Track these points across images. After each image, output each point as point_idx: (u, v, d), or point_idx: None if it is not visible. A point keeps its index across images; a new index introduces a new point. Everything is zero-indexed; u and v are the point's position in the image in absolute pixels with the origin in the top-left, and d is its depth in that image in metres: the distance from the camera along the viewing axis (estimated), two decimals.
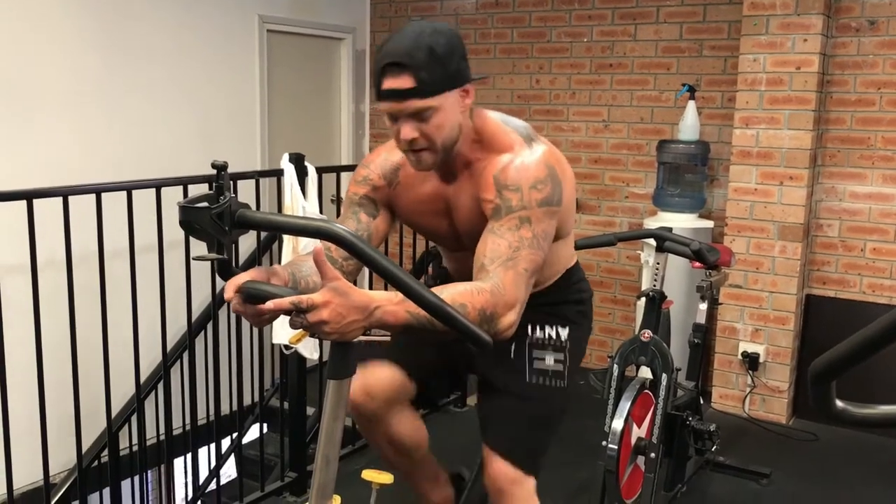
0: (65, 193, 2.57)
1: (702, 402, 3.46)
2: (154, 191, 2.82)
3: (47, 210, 2.54)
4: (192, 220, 1.34)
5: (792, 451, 3.93)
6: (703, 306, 3.34)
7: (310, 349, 3.30)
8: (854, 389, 1.17)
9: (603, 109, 4.96)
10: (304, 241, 3.00)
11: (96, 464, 3.83)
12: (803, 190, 4.06)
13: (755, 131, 4.12)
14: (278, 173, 3.25)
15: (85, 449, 3.03)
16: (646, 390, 2.86)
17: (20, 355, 2.63)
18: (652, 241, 3.17)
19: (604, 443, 2.68)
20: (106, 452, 3.68)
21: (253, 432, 4.10)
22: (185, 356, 3.36)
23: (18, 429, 2.57)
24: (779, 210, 4.12)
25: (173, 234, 2.32)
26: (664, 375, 2.88)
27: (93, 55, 4.12)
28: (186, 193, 2.80)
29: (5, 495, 2.56)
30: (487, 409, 2.04)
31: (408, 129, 1.66)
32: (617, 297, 5.01)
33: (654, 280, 3.10)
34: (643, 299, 3.09)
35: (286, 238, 3.16)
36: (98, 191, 2.69)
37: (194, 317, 3.18)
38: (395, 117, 1.68)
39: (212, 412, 3.29)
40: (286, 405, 3.49)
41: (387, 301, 1.40)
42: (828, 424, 4.00)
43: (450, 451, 2.25)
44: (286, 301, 1.32)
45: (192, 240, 1.42)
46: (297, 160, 3.23)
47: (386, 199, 1.91)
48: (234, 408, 3.37)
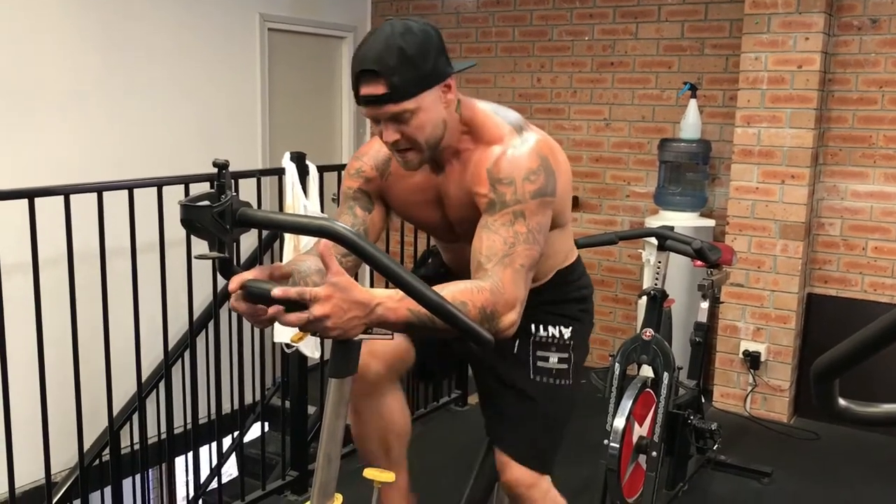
0: (66, 192, 2.56)
1: (703, 400, 3.46)
2: (155, 189, 2.82)
3: (49, 209, 2.54)
4: (193, 219, 1.34)
5: (793, 450, 3.93)
6: (705, 305, 3.34)
7: (311, 348, 3.31)
8: (856, 388, 1.16)
9: (604, 108, 4.95)
10: (305, 240, 3.00)
11: (98, 462, 3.83)
12: (805, 188, 4.05)
13: (757, 130, 4.11)
14: (279, 172, 3.25)
15: (86, 447, 3.03)
16: (647, 389, 2.86)
17: (22, 354, 2.63)
18: (653, 240, 3.17)
19: (605, 441, 2.69)
20: (107, 451, 3.69)
21: (254, 431, 4.10)
22: (187, 355, 3.36)
23: (20, 427, 2.58)
24: (780, 209, 4.11)
25: (174, 232, 2.32)
26: (666, 374, 2.88)
27: (93, 54, 4.12)
28: (188, 192, 2.80)
29: (7, 494, 2.56)
30: (494, 409, 2.03)
31: (389, 131, 1.65)
32: (618, 295, 5.01)
33: (656, 279, 3.10)
34: (644, 298, 3.09)
35: (287, 237, 3.16)
36: (99, 189, 2.69)
37: (195, 315, 3.18)
38: (376, 120, 1.67)
39: (213, 411, 3.29)
40: (287, 404, 3.50)
41: (388, 298, 1.40)
42: (829, 423, 4.00)
43: (451, 449, 2.25)
44: (293, 290, 1.32)
45: (193, 238, 1.42)
46: (299, 159, 3.23)
47: (379, 190, 1.91)
48: (236, 406, 3.37)
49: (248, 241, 3.85)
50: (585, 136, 5.02)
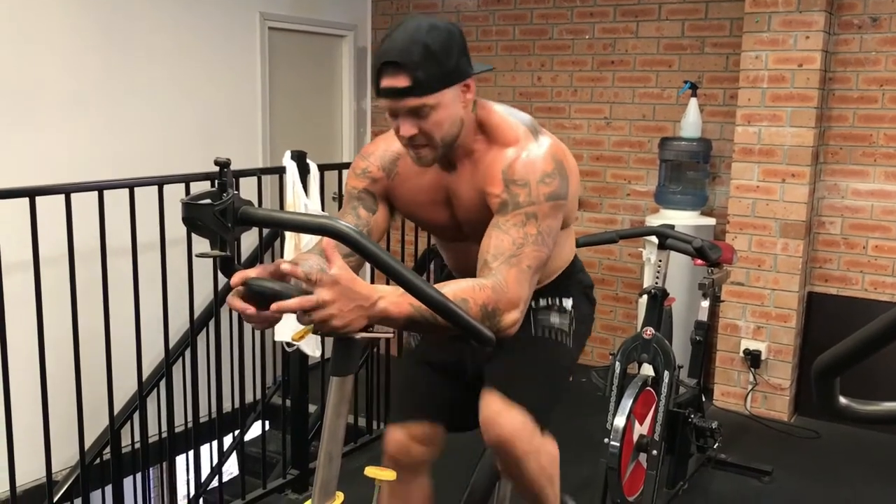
0: (67, 191, 2.57)
1: (703, 399, 3.47)
2: (156, 188, 2.82)
3: (50, 207, 2.55)
4: (194, 217, 1.34)
5: (793, 449, 3.93)
6: (705, 304, 3.34)
7: (312, 346, 3.31)
8: (857, 387, 1.17)
9: (605, 107, 4.95)
10: (306, 239, 3.01)
11: (99, 461, 3.83)
12: (805, 187, 4.05)
13: (757, 128, 4.11)
14: (280, 171, 3.25)
15: (87, 446, 3.03)
16: (648, 388, 2.86)
17: (23, 353, 2.63)
18: (654, 239, 3.17)
19: (606, 440, 2.69)
20: (108, 450, 3.69)
21: (255, 430, 4.11)
22: (188, 353, 3.36)
23: (21, 426, 2.58)
24: (781, 207, 4.11)
25: (175, 231, 2.32)
26: (666, 373, 2.89)
27: (94, 54, 4.12)
28: (188, 191, 2.80)
29: (8, 493, 2.56)
30: (491, 365, 1.95)
31: (407, 125, 1.66)
32: (619, 294, 5.01)
33: (656, 277, 3.10)
34: (645, 297, 3.09)
35: (288, 235, 3.16)
36: (100, 188, 2.69)
37: (196, 314, 3.18)
38: (394, 114, 1.68)
39: (214, 409, 3.29)
40: (288, 402, 3.50)
41: (390, 293, 1.40)
42: (830, 422, 4.00)
43: (451, 448, 2.24)
44: (293, 303, 1.31)
45: (194, 237, 1.42)
46: (300, 157, 3.23)
47: (384, 190, 1.91)
48: (237, 405, 3.38)
49: (249, 240, 3.86)
50: (586, 135, 5.02)
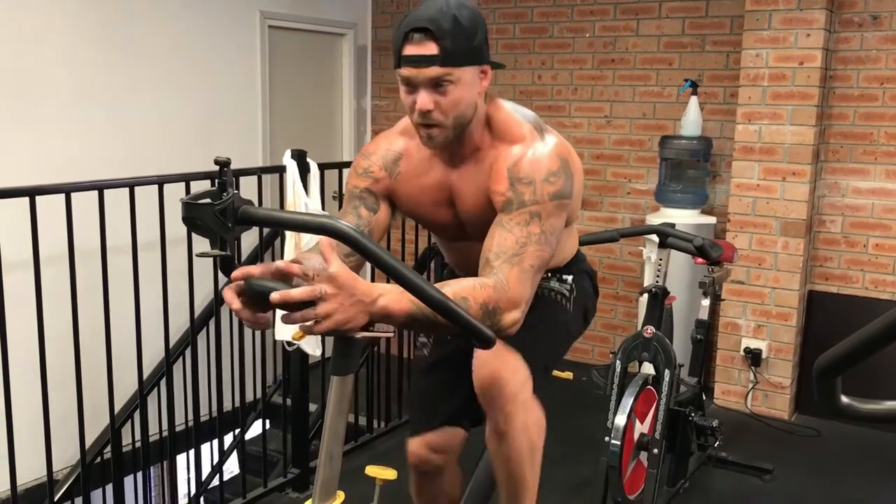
0: (67, 190, 2.56)
1: (704, 397, 3.46)
2: (156, 187, 2.82)
3: (50, 207, 2.54)
4: (195, 217, 1.34)
5: (794, 447, 3.93)
6: (706, 302, 3.34)
7: (312, 345, 3.31)
8: (858, 385, 1.16)
9: (605, 105, 4.95)
10: (306, 238, 3.00)
11: (99, 460, 3.84)
12: (806, 186, 4.05)
13: (758, 127, 4.11)
14: (280, 170, 3.24)
15: (88, 445, 3.03)
16: (648, 386, 2.86)
17: (23, 352, 2.63)
18: (654, 237, 3.16)
19: (606, 438, 2.69)
20: (109, 449, 3.70)
21: (255, 428, 4.11)
22: (188, 352, 3.36)
23: (22, 425, 2.58)
24: (781, 206, 4.11)
25: (176, 230, 2.32)
26: (667, 371, 2.89)
27: (94, 53, 4.12)
28: (189, 190, 2.80)
29: (9, 491, 2.56)
30: None
31: (425, 98, 1.64)
32: (619, 293, 5.01)
33: (657, 276, 3.10)
34: (646, 295, 3.09)
35: (288, 234, 3.16)
36: (100, 187, 2.69)
37: (197, 313, 3.18)
38: (413, 86, 1.66)
39: (214, 408, 3.29)
40: (289, 401, 3.50)
41: (391, 290, 1.39)
42: (830, 420, 4.00)
43: None
44: (296, 293, 1.29)
45: (194, 236, 1.42)
46: (300, 156, 3.22)
47: (386, 190, 1.89)
48: (237, 404, 3.38)
49: (249, 240, 3.86)
50: (586, 134, 5.02)
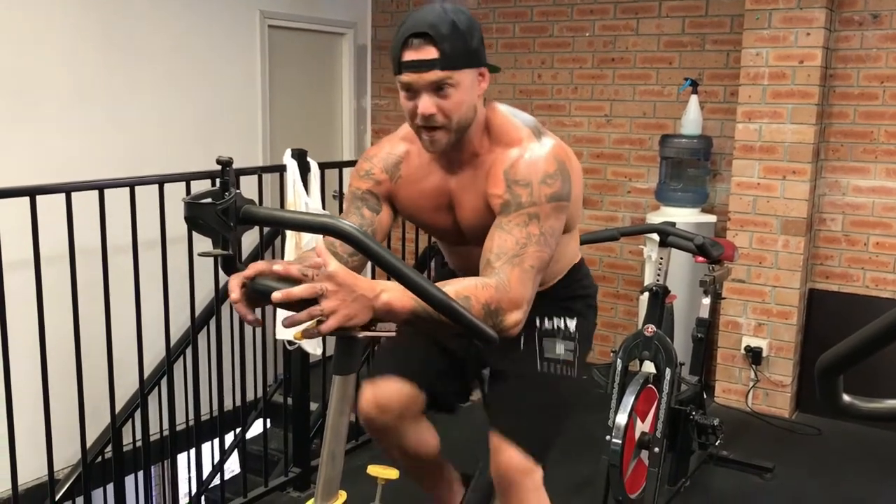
0: (68, 190, 2.57)
1: (705, 396, 3.46)
2: (157, 187, 2.82)
3: (51, 206, 2.55)
4: (196, 216, 1.34)
5: (795, 446, 3.93)
6: (706, 301, 3.34)
7: (313, 345, 3.31)
8: (859, 384, 1.16)
9: (605, 104, 4.95)
10: (307, 238, 3.01)
11: (100, 459, 3.84)
12: (806, 184, 4.05)
13: (758, 126, 4.11)
14: (281, 169, 3.25)
15: (89, 445, 3.04)
16: (649, 385, 2.86)
17: (24, 351, 2.63)
18: (655, 236, 3.16)
19: (607, 437, 2.69)
20: (110, 448, 3.70)
21: (256, 428, 4.10)
22: (189, 352, 3.36)
23: (23, 425, 2.58)
24: (782, 204, 4.11)
25: (176, 229, 2.32)
26: (668, 370, 2.89)
27: (94, 52, 4.12)
28: (189, 189, 2.80)
29: (10, 491, 2.57)
30: (496, 397, 2.00)
31: (427, 102, 1.65)
32: (619, 291, 5.01)
33: (658, 275, 3.10)
34: (646, 294, 3.09)
35: (289, 234, 3.16)
36: (101, 187, 2.69)
37: (197, 312, 3.18)
38: (413, 91, 1.66)
39: (215, 407, 3.29)
40: (290, 400, 3.50)
41: (392, 287, 1.39)
42: (831, 418, 4.00)
43: (452, 446, 2.25)
44: (300, 290, 1.28)
45: (195, 235, 1.41)
46: (300, 156, 3.22)
47: (387, 193, 1.90)
48: (238, 403, 3.38)
49: (249, 239, 3.86)
50: (586, 133, 5.02)
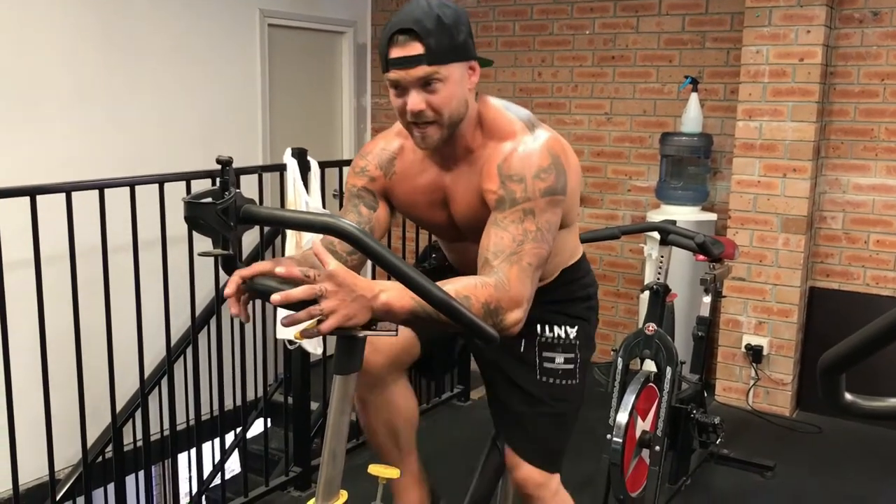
0: (68, 189, 2.56)
1: (706, 395, 3.46)
2: (157, 186, 2.82)
3: (51, 206, 2.54)
4: (197, 216, 1.34)
5: (796, 444, 3.93)
6: (707, 299, 3.34)
7: (314, 344, 3.30)
8: (860, 383, 1.16)
9: (605, 102, 4.95)
10: (307, 237, 3.00)
11: (101, 459, 3.84)
12: (807, 182, 4.05)
13: (758, 123, 4.11)
14: (281, 168, 3.24)
15: (90, 444, 3.03)
16: (650, 383, 2.86)
17: (25, 351, 2.63)
18: (656, 235, 3.16)
19: (608, 436, 2.68)
20: (111, 448, 3.70)
21: (257, 427, 4.10)
22: (189, 351, 3.36)
23: (23, 425, 2.58)
24: (782, 202, 4.11)
25: (176, 229, 2.32)
26: (668, 368, 2.88)
27: (94, 52, 4.12)
28: (189, 189, 2.80)
29: (11, 491, 2.56)
30: (503, 408, 2.01)
31: (415, 99, 1.63)
32: (620, 290, 5.00)
33: (658, 273, 3.10)
34: (647, 293, 3.09)
35: (289, 233, 3.16)
36: (101, 186, 2.69)
37: (198, 312, 3.18)
38: (402, 89, 1.65)
39: (216, 407, 3.29)
40: (290, 400, 3.50)
41: (392, 287, 1.39)
42: (831, 417, 4.00)
43: (454, 445, 2.25)
44: (298, 292, 1.29)
45: (195, 235, 1.41)
46: (300, 155, 3.22)
47: (383, 189, 1.89)
48: (238, 403, 3.38)
49: (249, 239, 3.85)
50: (586, 131, 5.01)
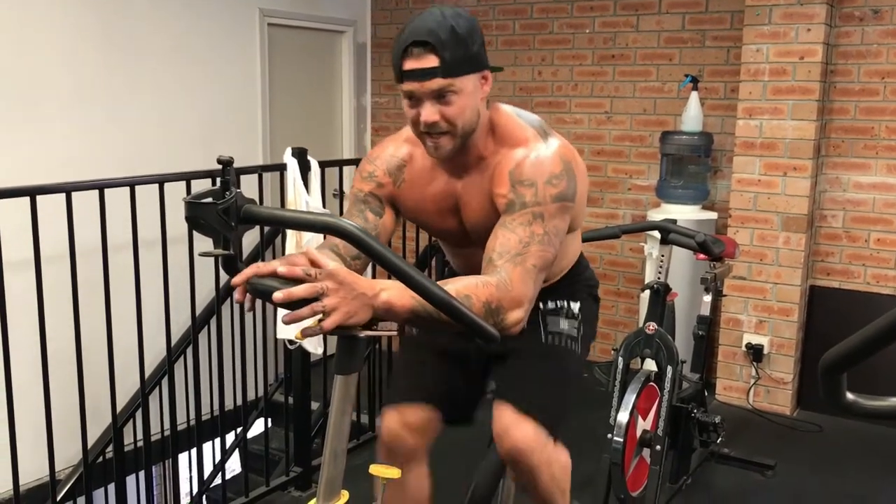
0: (68, 190, 2.56)
1: (706, 394, 3.46)
2: (157, 186, 2.82)
3: (51, 206, 2.54)
4: (197, 216, 1.34)
5: (796, 443, 3.93)
6: (708, 298, 3.33)
7: (314, 344, 3.31)
8: (861, 382, 1.16)
9: (605, 101, 4.94)
10: (307, 237, 3.00)
11: (101, 459, 3.84)
12: (807, 181, 4.04)
13: (758, 122, 4.10)
14: (281, 168, 3.24)
15: (90, 444, 3.03)
16: (651, 383, 2.86)
17: (25, 352, 2.63)
18: (656, 234, 3.16)
19: (609, 435, 2.68)
20: (111, 448, 3.70)
21: (257, 427, 4.11)
22: (190, 351, 3.36)
23: (24, 425, 2.58)
24: (782, 201, 4.10)
25: (177, 229, 2.32)
26: (669, 368, 2.88)
27: (94, 51, 4.11)
28: (189, 188, 2.80)
29: (11, 492, 2.56)
30: (502, 376, 1.96)
31: (430, 110, 1.64)
32: (620, 289, 5.00)
33: (659, 272, 3.09)
34: (647, 292, 3.09)
35: (290, 233, 3.16)
36: (101, 187, 2.68)
37: (198, 312, 3.18)
38: (416, 100, 1.65)
39: (216, 407, 3.29)
40: (291, 400, 3.50)
41: (392, 286, 1.39)
42: (832, 416, 4.00)
43: (455, 444, 2.24)
44: (300, 290, 1.28)
45: (195, 234, 1.41)
46: (300, 154, 3.22)
47: (390, 196, 1.89)
48: (239, 402, 3.38)
49: (250, 238, 3.85)
50: (587, 130, 5.01)
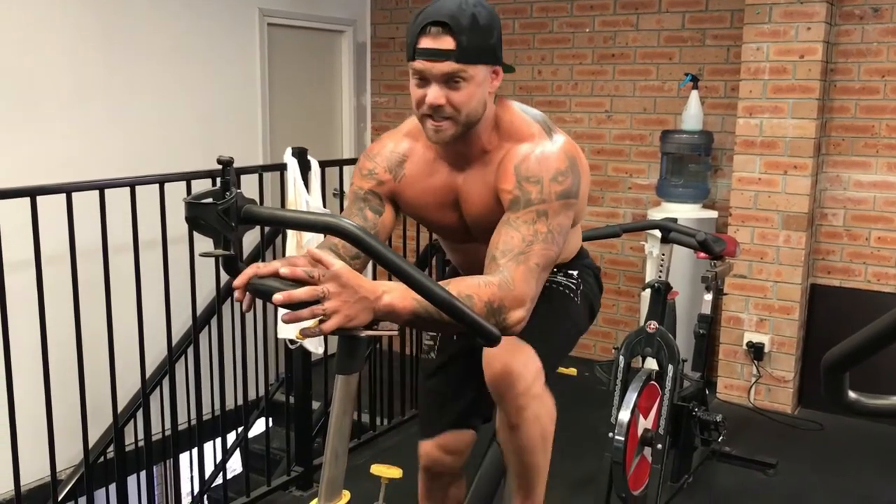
0: (68, 190, 2.56)
1: (707, 392, 3.46)
2: (157, 186, 2.81)
3: (51, 206, 2.54)
4: (198, 216, 1.33)
5: (797, 441, 3.93)
6: (708, 297, 3.33)
7: (315, 343, 3.31)
8: (861, 381, 1.16)
9: (605, 100, 4.94)
10: (308, 237, 3.00)
11: (102, 459, 3.84)
12: (807, 179, 4.04)
13: (759, 121, 4.10)
14: (281, 168, 3.24)
15: (91, 445, 3.03)
16: (652, 381, 2.85)
17: (26, 352, 2.63)
18: (657, 232, 3.16)
19: (610, 434, 2.68)
20: (112, 448, 3.70)
21: (258, 427, 4.11)
22: (190, 351, 3.36)
23: (25, 425, 2.58)
24: (783, 199, 4.10)
25: (177, 229, 2.32)
26: (670, 366, 2.88)
27: (94, 51, 4.11)
28: (190, 189, 2.80)
29: (13, 492, 2.56)
30: None
31: (437, 93, 1.63)
32: (621, 288, 5.00)
33: (660, 271, 3.09)
34: (648, 291, 3.09)
35: (290, 233, 3.16)
36: (101, 187, 2.68)
37: (199, 312, 3.18)
38: (425, 80, 1.64)
39: (217, 407, 3.29)
40: (292, 399, 3.50)
41: (394, 288, 1.39)
42: (833, 414, 4.00)
43: None
44: (301, 293, 1.27)
45: (196, 234, 1.41)
46: (300, 154, 3.22)
47: (390, 192, 1.88)
48: (240, 402, 3.38)
49: (250, 238, 3.85)
50: (587, 129, 5.01)
